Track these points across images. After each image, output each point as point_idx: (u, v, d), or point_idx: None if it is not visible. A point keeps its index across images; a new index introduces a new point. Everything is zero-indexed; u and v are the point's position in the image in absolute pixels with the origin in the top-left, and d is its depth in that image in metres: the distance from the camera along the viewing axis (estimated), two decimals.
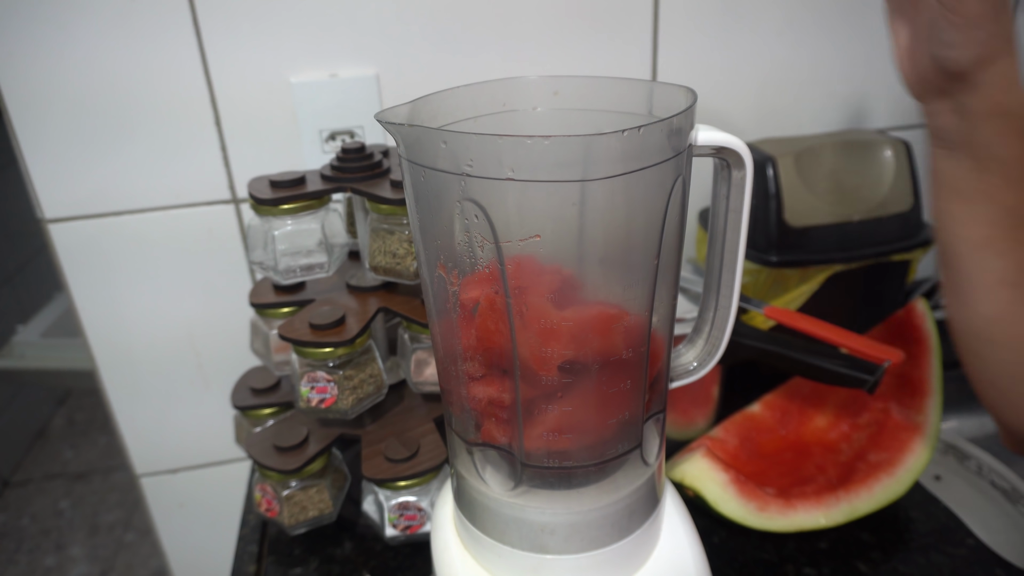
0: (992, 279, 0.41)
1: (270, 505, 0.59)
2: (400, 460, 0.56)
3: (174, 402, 0.78)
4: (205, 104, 0.67)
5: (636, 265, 0.35)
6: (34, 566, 1.65)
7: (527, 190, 0.31)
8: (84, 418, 2.17)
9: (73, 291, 0.71)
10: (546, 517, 0.39)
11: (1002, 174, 0.39)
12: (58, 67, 0.62)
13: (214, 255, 0.73)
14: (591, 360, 0.36)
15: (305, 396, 0.55)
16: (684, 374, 0.45)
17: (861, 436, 0.63)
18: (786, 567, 0.55)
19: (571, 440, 0.38)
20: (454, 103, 0.40)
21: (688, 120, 0.34)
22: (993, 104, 0.37)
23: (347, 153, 0.56)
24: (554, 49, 0.72)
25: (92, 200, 0.68)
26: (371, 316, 0.56)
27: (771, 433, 0.67)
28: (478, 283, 0.35)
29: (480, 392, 0.38)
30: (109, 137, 0.66)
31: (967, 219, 0.41)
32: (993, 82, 0.37)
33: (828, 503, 0.57)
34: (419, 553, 0.59)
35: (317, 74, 0.68)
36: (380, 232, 0.54)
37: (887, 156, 0.71)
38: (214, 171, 0.69)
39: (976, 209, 0.40)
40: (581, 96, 0.42)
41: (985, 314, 0.42)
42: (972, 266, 0.42)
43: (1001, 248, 0.40)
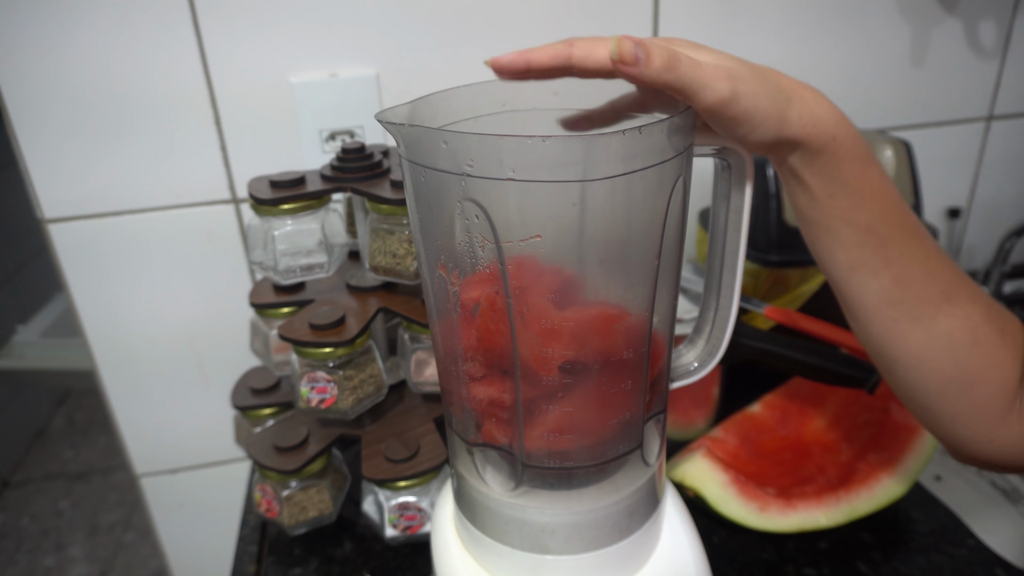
0: (874, 300, 0.42)
1: (270, 505, 0.59)
2: (400, 460, 0.56)
3: (174, 402, 0.78)
4: (205, 104, 0.67)
5: (637, 265, 0.35)
6: (34, 566, 1.65)
7: (528, 190, 0.31)
8: (84, 418, 2.17)
9: (73, 291, 0.71)
10: (546, 517, 0.39)
11: (847, 196, 0.40)
12: (58, 67, 0.62)
13: (214, 255, 0.72)
14: (592, 360, 0.36)
15: (305, 396, 0.55)
16: (685, 374, 0.45)
17: (861, 436, 0.63)
18: (786, 567, 0.55)
19: (572, 440, 0.38)
20: (454, 103, 0.40)
21: (689, 120, 0.34)
22: (814, 141, 0.38)
23: (347, 153, 0.56)
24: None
25: (92, 200, 0.68)
26: (371, 316, 0.56)
27: (771, 433, 0.67)
28: (479, 283, 0.35)
29: (480, 392, 0.38)
30: (109, 137, 0.66)
31: (833, 246, 0.42)
32: (801, 127, 0.37)
33: (828, 503, 0.57)
34: (419, 553, 0.59)
35: (317, 74, 0.68)
36: (380, 232, 0.54)
37: (887, 156, 0.71)
38: (214, 171, 0.69)
39: (838, 235, 0.41)
40: (581, 96, 0.42)
41: (881, 335, 0.43)
42: (852, 291, 0.42)
43: (873, 267, 0.41)
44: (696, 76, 0.33)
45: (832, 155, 0.39)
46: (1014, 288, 0.90)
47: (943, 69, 0.83)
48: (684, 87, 0.33)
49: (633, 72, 0.32)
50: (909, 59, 0.82)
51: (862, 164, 0.39)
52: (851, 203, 0.40)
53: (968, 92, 0.86)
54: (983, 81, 0.86)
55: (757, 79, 0.35)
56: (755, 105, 0.35)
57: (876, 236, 0.40)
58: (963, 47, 0.83)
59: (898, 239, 0.41)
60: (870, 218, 0.40)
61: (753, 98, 0.35)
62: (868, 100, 0.83)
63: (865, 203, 0.40)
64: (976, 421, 0.44)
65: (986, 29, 0.83)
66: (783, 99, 0.36)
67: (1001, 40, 0.84)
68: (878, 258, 0.41)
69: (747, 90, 0.34)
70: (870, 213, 0.40)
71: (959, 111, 0.87)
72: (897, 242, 0.41)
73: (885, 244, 0.40)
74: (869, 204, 0.40)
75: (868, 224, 0.40)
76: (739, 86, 0.34)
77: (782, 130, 0.36)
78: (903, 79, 0.83)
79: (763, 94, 0.35)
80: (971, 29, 0.82)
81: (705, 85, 0.33)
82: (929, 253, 0.42)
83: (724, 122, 0.35)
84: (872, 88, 0.82)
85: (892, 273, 0.41)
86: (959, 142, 0.89)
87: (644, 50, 0.32)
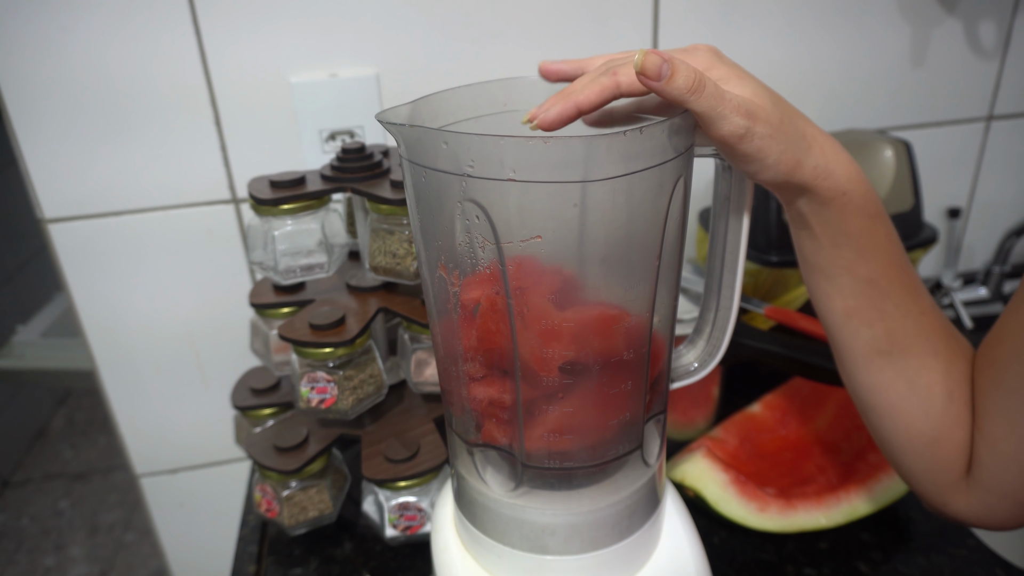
0: (864, 348, 0.43)
1: (270, 505, 0.59)
2: (400, 460, 0.56)
3: (174, 402, 0.78)
4: (205, 104, 0.67)
5: (637, 266, 0.35)
6: (34, 566, 1.65)
7: (528, 191, 0.31)
8: (84, 418, 2.17)
9: (73, 291, 0.71)
10: (547, 518, 0.39)
11: (852, 248, 0.40)
12: (58, 67, 0.62)
13: (214, 255, 0.72)
14: (592, 361, 0.36)
15: (305, 396, 0.55)
16: (685, 375, 0.45)
17: (861, 436, 0.63)
18: (786, 567, 0.55)
19: (572, 441, 0.38)
20: (455, 103, 0.40)
21: (689, 120, 0.34)
22: (823, 192, 0.39)
23: (347, 153, 0.56)
24: (555, 49, 0.72)
25: (92, 200, 0.68)
26: (371, 316, 0.56)
27: (771, 433, 0.67)
28: (479, 284, 0.35)
29: (481, 393, 0.38)
30: (109, 137, 0.66)
31: (832, 292, 0.42)
32: (813, 177, 0.38)
33: (828, 503, 0.57)
34: (419, 553, 0.59)
35: (317, 74, 0.68)
36: (380, 232, 0.54)
37: (887, 156, 0.71)
38: (214, 171, 0.69)
39: (838, 283, 0.42)
40: None
41: (864, 383, 0.44)
42: (845, 337, 0.43)
43: (868, 318, 0.42)
44: (715, 105, 0.33)
45: (841, 209, 0.39)
46: (1014, 288, 0.90)
47: (943, 69, 0.84)
48: (702, 112, 0.33)
49: (655, 87, 0.33)
50: (909, 59, 0.82)
51: (871, 220, 0.40)
52: (855, 255, 0.40)
53: (968, 92, 0.86)
54: (983, 81, 0.86)
55: (778, 122, 0.36)
56: (768, 147, 0.35)
57: (876, 288, 0.41)
58: (963, 47, 0.83)
59: (897, 293, 0.41)
60: (872, 271, 0.41)
61: (767, 140, 0.35)
62: (868, 100, 0.83)
63: (869, 256, 0.41)
64: (935, 481, 0.45)
65: (986, 29, 0.83)
66: (803, 147, 0.37)
67: (1001, 40, 0.84)
68: (874, 309, 0.42)
69: (763, 131, 0.35)
70: (873, 266, 0.41)
71: (959, 111, 0.87)
72: (895, 296, 0.41)
73: (883, 297, 0.41)
74: (873, 258, 0.41)
75: (869, 276, 0.41)
76: (756, 126, 0.35)
77: (792, 175, 0.37)
78: (903, 79, 0.83)
79: (780, 138, 0.36)
80: (971, 29, 0.82)
81: (722, 116, 0.34)
82: (924, 309, 0.42)
83: (734, 156, 0.36)
84: (872, 88, 0.82)
85: (886, 326, 0.42)
86: (959, 142, 0.89)
87: (670, 67, 0.32)
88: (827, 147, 0.39)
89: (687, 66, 0.32)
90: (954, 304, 0.87)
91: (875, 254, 0.41)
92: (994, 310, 0.90)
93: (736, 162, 0.37)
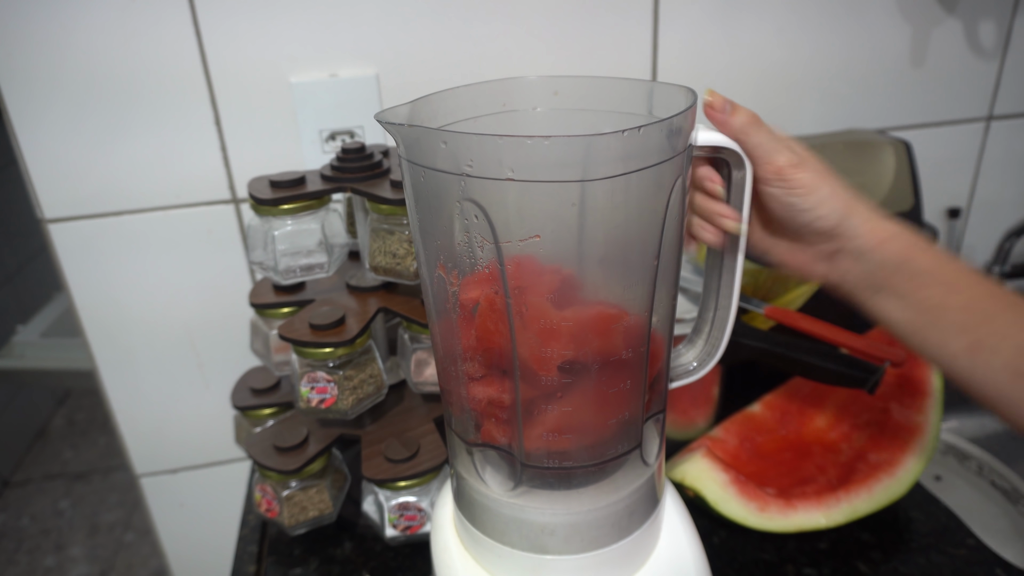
0: (1007, 376, 0.40)
1: (270, 505, 0.59)
2: (400, 460, 0.56)
3: (174, 402, 0.78)
4: (205, 104, 0.67)
5: (636, 265, 0.35)
6: (34, 566, 1.65)
7: (527, 190, 0.31)
8: (84, 418, 2.17)
9: (73, 291, 0.71)
10: (546, 517, 0.39)
11: (935, 284, 0.40)
12: (58, 67, 0.62)
13: (214, 255, 0.73)
14: (591, 360, 0.36)
15: (305, 396, 0.55)
16: (684, 374, 0.45)
17: (861, 436, 0.63)
18: (786, 567, 0.55)
19: (571, 440, 0.38)
20: (454, 103, 0.40)
21: (688, 120, 0.34)
22: (877, 235, 0.40)
23: (347, 153, 0.56)
24: (555, 48, 0.72)
25: (92, 200, 0.68)
26: (371, 316, 0.56)
27: (771, 433, 0.67)
28: (478, 283, 0.35)
29: (480, 392, 0.38)
30: (109, 137, 0.66)
31: (944, 337, 0.41)
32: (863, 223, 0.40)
33: (828, 503, 0.57)
34: (419, 553, 0.59)
35: (317, 74, 0.68)
36: (380, 232, 0.54)
37: (887, 156, 0.71)
38: (214, 171, 0.69)
39: (941, 325, 0.41)
40: (581, 96, 0.42)
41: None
42: (983, 374, 0.41)
43: (991, 345, 0.40)
44: (770, 139, 0.38)
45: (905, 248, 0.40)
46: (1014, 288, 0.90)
47: (943, 69, 0.83)
48: (756, 146, 0.38)
49: (718, 118, 0.38)
50: (909, 59, 0.82)
51: (934, 252, 0.41)
52: (943, 289, 0.40)
53: (968, 92, 0.86)
54: (983, 81, 0.86)
55: (824, 167, 0.40)
56: (823, 179, 0.39)
57: (980, 313, 0.40)
58: (963, 47, 0.83)
59: (1002, 310, 0.40)
60: (966, 298, 0.40)
61: (822, 172, 0.39)
62: (868, 100, 0.83)
63: (955, 285, 0.40)
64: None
65: (986, 29, 0.83)
66: (849, 190, 0.40)
67: (1001, 40, 0.84)
68: (992, 334, 0.40)
69: (815, 164, 0.39)
70: (964, 293, 0.40)
71: (959, 111, 0.87)
72: (1003, 314, 0.40)
73: (992, 319, 0.40)
74: (959, 285, 0.40)
75: (966, 304, 0.40)
76: (809, 161, 0.39)
77: (849, 213, 0.40)
78: (903, 79, 0.83)
79: (829, 179, 0.40)
80: (971, 29, 0.82)
81: (777, 150, 0.38)
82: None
83: (792, 187, 0.39)
84: (872, 88, 0.82)
85: (1012, 344, 0.40)
86: (959, 142, 0.89)
87: (731, 106, 0.38)
88: (868, 204, 0.41)
89: (746, 110, 0.38)
90: None
91: (959, 280, 0.40)
92: None
93: (795, 194, 0.39)
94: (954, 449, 0.69)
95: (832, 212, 0.40)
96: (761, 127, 0.38)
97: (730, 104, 0.38)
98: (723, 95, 0.38)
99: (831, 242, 0.41)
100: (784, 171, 0.39)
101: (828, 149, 0.71)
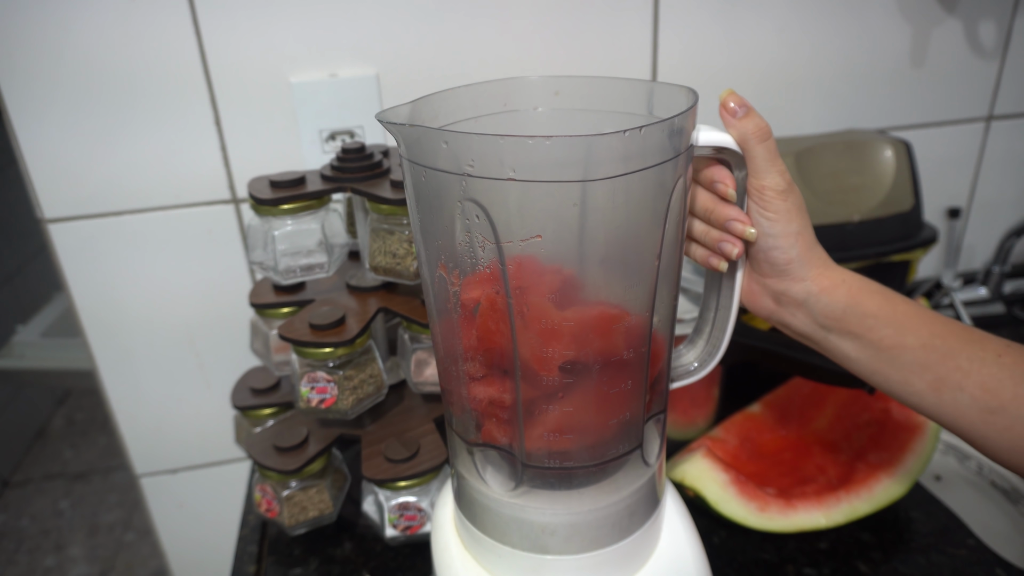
0: (974, 414, 0.39)
1: (270, 505, 0.59)
2: (400, 460, 0.56)
3: (174, 402, 0.78)
4: (205, 104, 0.67)
5: (637, 265, 0.35)
6: (34, 566, 1.65)
7: (528, 190, 0.31)
8: (84, 418, 2.17)
9: (73, 291, 0.71)
10: (547, 517, 0.39)
11: (887, 326, 0.40)
12: (58, 67, 0.62)
13: (214, 255, 0.72)
14: (592, 360, 0.36)
15: (305, 396, 0.55)
16: (685, 374, 0.45)
17: (861, 436, 0.63)
18: (786, 567, 0.55)
19: (572, 440, 0.38)
20: (455, 103, 0.40)
21: (689, 120, 0.34)
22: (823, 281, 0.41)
23: (347, 153, 0.56)
24: (555, 48, 0.72)
25: (92, 200, 0.68)
26: (371, 316, 0.56)
27: (771, 433, 0.67)
28: (479, 283, 0.35)
29: (481, 392, 0.38)
30: (109, 137, 0.66)
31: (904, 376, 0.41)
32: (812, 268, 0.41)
33: (828, 503, 0.57)
34: (419, 553, 0.59)
35: (317, 74, 0.68)
36: (380, 232, 0.54)
37: (887, 156, 0.71)
38: (214, 171, 0.69)
39: (901, 363, 0.40)
40: (582, 96, 0.42)
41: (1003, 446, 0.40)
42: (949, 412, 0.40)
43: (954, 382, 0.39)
44: (771, 158, 0.39)
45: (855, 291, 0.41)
46: (1014, 288, 0.90)
47: (943, 69, 0.83)
48: (759, 158, 0.39)
49: (730, 120, 0.39)
50: (909, 59, 0.82)
51: (884, 295, 0.41)
52: (894, 330, 0.40)
53: (968, 92, 0.86)
54: (983, 81, 0.86)
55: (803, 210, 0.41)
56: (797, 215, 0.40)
57: (937, 351, 0.39)
58: (963, 47, 0.83)
59: (961, 347, 0.39)
60: (922, 337, 0.40)
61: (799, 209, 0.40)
62: (868, 100, 0.83)
63: (908, 326, 0.40)
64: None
65: (986, 29, 0.83)
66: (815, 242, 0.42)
67: (1001, 40, 0.84)
68: (954, 371, 0.39)
69: (797, 199, 0.40)
70: (919, 332, 0.40)
71: (959, 111, 0.87)
72: (962, 350, 0.39)
73: (951, 356, 0.39)
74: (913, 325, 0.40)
75: (923, 343, 0.40)
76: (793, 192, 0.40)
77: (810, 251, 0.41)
78: (903, 79, 0.83)
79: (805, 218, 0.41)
80: (971, 29, 0.82)
81: (768, 171, 0.39)
82: (999, 351, 0.39)
83: (767, 209, 0.40)
84: (872, 88, 0.82)
85: (974, 381, 0.39)
86: (959, 142, 0.89)
87: (746, 110, 0.39)
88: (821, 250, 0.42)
89: (760, 117, 0.38)
90: (954, 304, 0.87)
91: (911, 320, 0.40)
92: (994, 310, 0.89)
93: (766, 217, 0.40)
94: (954, 449, 0.69)
95: (791, 248, 0.40)
96: (765, 141, 0.38)
97: (745, 108, 0.38)
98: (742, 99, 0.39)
99: (780, 280, 0.42)
100: (766, 192, 0.39)
101: (828, 149, 0.71)
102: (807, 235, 0.41)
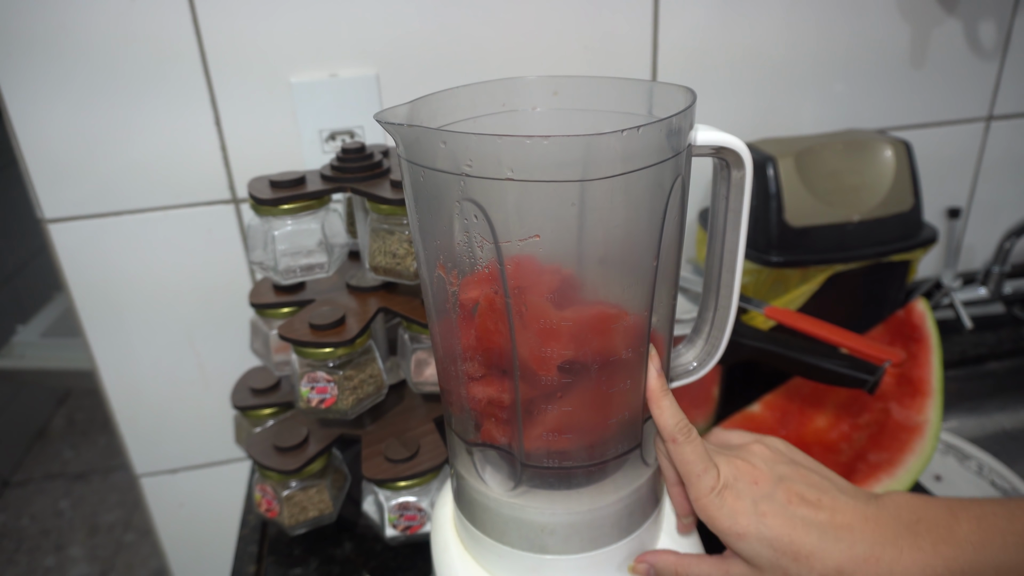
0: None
1: (270, 505, 0.59)
2: (400, 460, 0.56)
3: (174, 402, 0.78)
4: (205, 104, 0.67)
5: (636, 265, 0.35)
6: (34, 566, 1.65)
7: (526, 190, 0.31)
8: (84, 418, 2.17)
9: (73, 291, 0.71)
10: (546, 517, 0.39)
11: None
12: (58, 67, 0.62)
13: (214, 255, 0.73)
14: (591, 360, 0.36)
15: (305, 396, 0.55)
16: (684, 374, 0.45)
17: (861, 436, 0.63)
18: None
19: (571, 440, 0.38)
20: (454, 103, 0.40)
21: (687, 120, 0.34)
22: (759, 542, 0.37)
23: (347, 153, 0.56)
24: (555, 47, 0.72)
25: (92, 200, 0.68)
26: (371, 316, 0.56)
27: (771, 433, 0.67)
28: (477, 283, 0.35)
29: (480, 392, 0.38)
30: (109, 137, 0.66)
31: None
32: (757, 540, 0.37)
33: None
34: (419, 553, 0.59)
35: (317, 74, 0.68)
36: (380, 232, 0.54)
37: (887, 156, 0.71)
38: (214, 171, 0.69)
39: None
40: (581, 96, 0.42)
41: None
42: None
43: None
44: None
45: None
46: (1014, 288, 0.90)
47: (943, 69, 0.83)
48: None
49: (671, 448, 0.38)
50: (909, 59, 0.82)
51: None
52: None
53: (968, 92, 0.86)
54: (983, 81, 0.86)
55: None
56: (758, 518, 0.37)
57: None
58: (963, 47, 0.83)
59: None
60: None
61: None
62: (868, 100, 0.83)
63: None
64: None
65: (986, 29, 0.83)
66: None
67: (1001, 40, 0.84)
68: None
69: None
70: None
71: (959, 111, 0.87)
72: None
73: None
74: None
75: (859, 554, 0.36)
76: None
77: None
78: (903, 79, 0.83)
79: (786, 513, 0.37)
80: (971, 29, 0.82)
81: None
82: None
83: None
84: (872, 88, 0.82)
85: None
86: (959, 142, 0.89)
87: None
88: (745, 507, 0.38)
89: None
90: (954, 304, 0.87)
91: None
92: (994, 310, 0.89)
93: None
94: (954, 449, 0.69)
95: (762, 552, 0.37)
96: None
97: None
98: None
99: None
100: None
101: (828, 149, 0.71)
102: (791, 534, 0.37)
